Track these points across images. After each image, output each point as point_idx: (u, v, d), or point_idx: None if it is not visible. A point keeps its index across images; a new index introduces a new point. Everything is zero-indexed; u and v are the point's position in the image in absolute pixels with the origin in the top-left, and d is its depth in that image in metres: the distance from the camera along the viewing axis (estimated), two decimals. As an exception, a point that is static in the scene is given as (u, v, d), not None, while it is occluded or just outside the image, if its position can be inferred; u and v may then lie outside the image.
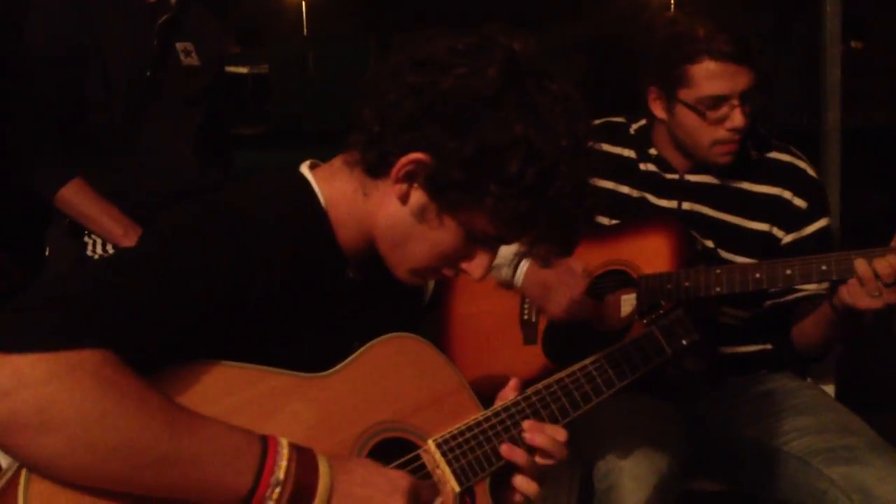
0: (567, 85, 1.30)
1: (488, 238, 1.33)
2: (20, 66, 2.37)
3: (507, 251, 2.10)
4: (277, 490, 1.16)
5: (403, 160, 1.28)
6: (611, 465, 1.96)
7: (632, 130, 2.33)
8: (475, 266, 1.36)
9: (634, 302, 2.19)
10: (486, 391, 1.53)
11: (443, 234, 1.32)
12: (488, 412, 1.45)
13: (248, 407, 1.22)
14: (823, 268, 2.00)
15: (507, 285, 2.20)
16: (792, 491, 2.08)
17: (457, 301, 2.41)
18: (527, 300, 2.27)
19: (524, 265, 2.13)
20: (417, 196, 1.31)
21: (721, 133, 2.13)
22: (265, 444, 1.18)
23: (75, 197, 2.36)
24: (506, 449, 1.43)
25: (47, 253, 2.52)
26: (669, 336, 1.78)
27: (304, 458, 1.20)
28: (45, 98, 2.36)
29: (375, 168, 1.33)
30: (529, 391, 1.51)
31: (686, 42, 2.11)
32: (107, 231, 2.36)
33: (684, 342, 1.80)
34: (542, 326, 2.26)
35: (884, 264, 1.90)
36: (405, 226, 1.33)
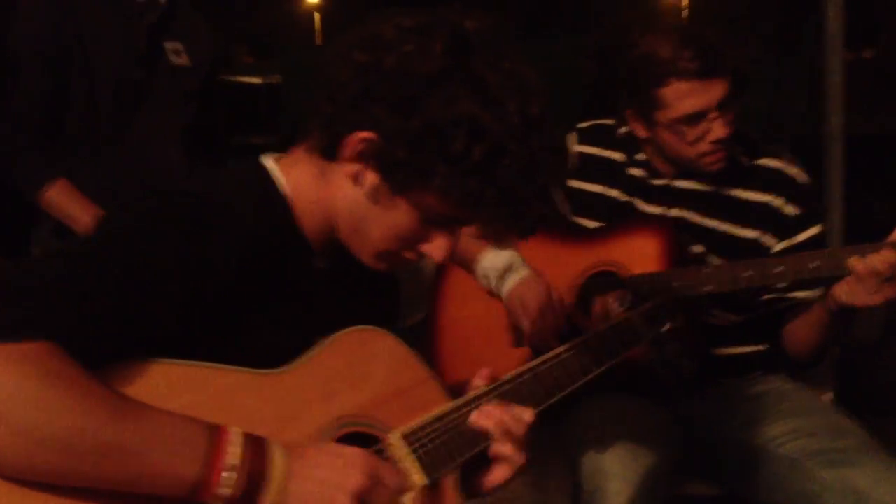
0: (521, 64, 1.27)
1: (443, 219, 1.31)
2: (5, 64, 2.36)
3: (500, 262, 2.09)
4: (234, 476, 1.14)
5: (352, 139, 1.27)
6: (596, 466, 1.94)
7: (620, 133, 2.30)
8: (435, 248, 1.34)
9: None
10: None
11: (397, 216, 1.30)
12: (457, 402, 1.42)
13: (199, 407, 1.19)
14: (814, 264, 1.98)
15: (495, 296, 2.18)
16: (784, 493, 2.05)
17: (446, 303, 2.40)
18: None
19: (510, 279, 2.11)
20: (370, 177, 1.29)
21: (705, 147, 2.10)
22: (215, 433, 1.16)
23: (59, 197, 2.35)
24: (475, 416, 1.40)
25: (34, 253, 2.51)
26: (648, 322, 1.75)
27: (256, 445, 1.17)
28: (30, 97, 2.36)
29: (330, 150, 1.31)
30: (500, 380, 1.48)
31: (651, 65, 2.06)
32: (91, 231, 2.34)
33: (663, 328, 1.77)
34: (531, 329, 2.23)
35: (879, 259, 1.87)
36: (361, 208, 1.31)
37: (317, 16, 24.26)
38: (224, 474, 1.13)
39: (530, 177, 1.26)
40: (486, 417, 1.40)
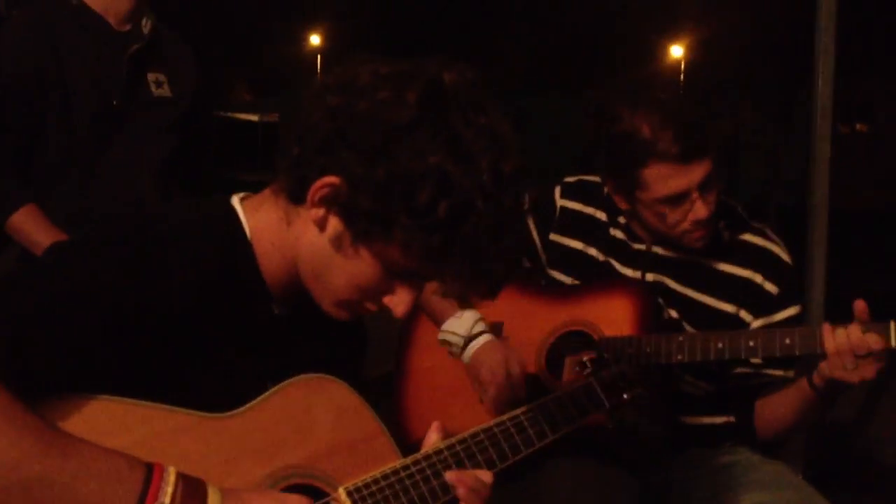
0: (499, 120, 1.25)
1: (405, 272, 1.28)
2: None
3: (461, 328, 2.09)
4: None
5: (318, 183, 1.24)
6: None
7: (605, 192, 2.29)
8: (396, 302, 1.31)
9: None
10: None
11: (360, 266, 1.27)
12: (407, 460, 1.38)
13: (139, 447, 1.16)
14: (787, 341, 1.95)
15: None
16: None
17: (413, 354, 2.36)
18: None
19: (473, 346, 2.09)
20: (334, 223, 1.27)
21: (686, 225, 2.08)
22: (149, 470, 1.12)
23: (26, 224, 2.33)
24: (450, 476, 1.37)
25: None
26: (610, 388, 1.72)
27: (191, 485, 1.14)
28: (4, 125, 2.34)
29: (296, 193, 1.28)
30: (454, 440, 1.44)
31: (632, 144, 2.03)
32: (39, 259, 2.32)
33: (625, 395, 1.74)
34: (498, 384, 2.19)
35: (847, 337, 1.84)
36: (324, 255, 1.28)
37: (319, 57, 24.49)
38: None
39: (496, 236, 1.23)
40: (460, 482, 1.37)
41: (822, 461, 2.19)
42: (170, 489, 1.11)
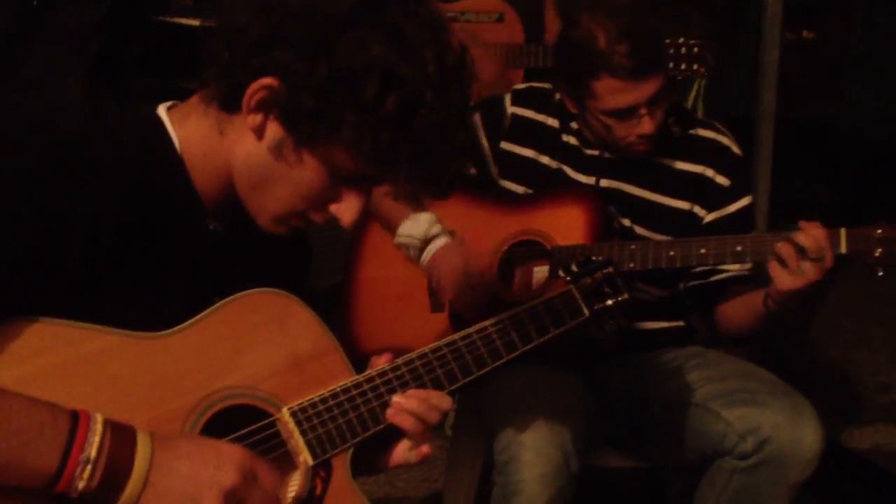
0: (437, 12, 1.19)
1: (353, 176, 1.21)
2: None
3: (418, 231, 2.04)
4: (88, 469, 1.05)
5: (253, 86, 1.16)
6: (511, 437, 1.90)
7: (557, 99, 2.24)
8: (344, 210, 1.23)
9: (546, 273, 2.11)
10: None
11: (303, 172, 1.19)
12: (359, 378, 1.32)
13: (64, 369, 1.09)
14: (738, 248, 1.96)
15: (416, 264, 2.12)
16: (694, 441, 2.03)
17: (364, 264, 2.32)
18: None
19: (431, 248, 2.05)
20: (273, 129, 1.18)
21: (632, 138, 2.08)
22: (74, 420, 1.06)
23: None
24: (391, 413, 1.32)
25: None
26: (593, 295, 1.61)
27: (119, 434, 1.08)
28: None
29: (228, 100, 1.20)
30: (413, 355, 1.38)
31: (586, 54, 2.01)
32: None
33: (609, 302, 1.62)
34: (450, 295, 2.16)
35: (803, 238, 1.84)
36: (263, 165, 1.20)
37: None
38: (83, 465, 1.04)
39: (447, 131, 1.17)
40: (403, 416, 1.32)
41: (765, 363, 2.22)
42: (96, 439, 1.05)
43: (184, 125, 1.25)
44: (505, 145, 2.25)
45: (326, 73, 1.12)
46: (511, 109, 2.27)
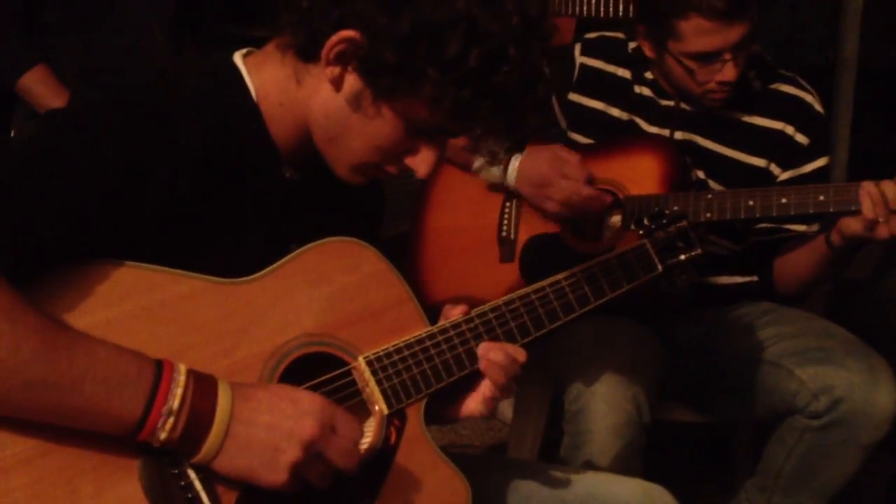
0: None
1: (431, 129, 1.20)
2: None
3: (494, 148, 1.97)
4: (171, 420, 1.06)
5: (333, 39, 1.14)
6: (582, 388, 1.90)
7: (630, 49, 2.18)
8: (419, 162, 1.23)
9: (619, 224, 2.09)
10: None
11: (380, 125, 1.18)
12: (433, 329, 1.32)
13: (150, 312, 1.10)
14: (821, 198, 1.91)
15: (498, 186, 2.10)
16: (765, 399, 2.01)
17: (432, 213, 2.30)
18: (506, 215, 2.16)
19: (515, 161, 1.99)
20: (351, 81, 1.17)
21: (712, 85, 2.02)
22: (159, 370, 1.07)
23: (35, 85, 2.28)
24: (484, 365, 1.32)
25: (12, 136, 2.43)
26: (666, 250, 1.58)
27: (201, 386, 1.09)
28: None
29: (307, 50, 1.18)
30: (486, 307, 1.37)
31: None
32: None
33: (682, 257, 1.59)
34: (520, 244, 2.15)
35: (887, 190, 1.80)
36: (340, 116, 1.19)
37: None
38: (165, 417, 1.05)
39: (530, 85, 1.15)
40: (494, 369, 1.32)
41: (841, 324, 2.16)
42: (179, 390, 1.06)
43: (260, 73, 1.24)
44: (573, 97, 2.21)
45: (409, 26, 1.10)
46: (580, 60, 2.22)
